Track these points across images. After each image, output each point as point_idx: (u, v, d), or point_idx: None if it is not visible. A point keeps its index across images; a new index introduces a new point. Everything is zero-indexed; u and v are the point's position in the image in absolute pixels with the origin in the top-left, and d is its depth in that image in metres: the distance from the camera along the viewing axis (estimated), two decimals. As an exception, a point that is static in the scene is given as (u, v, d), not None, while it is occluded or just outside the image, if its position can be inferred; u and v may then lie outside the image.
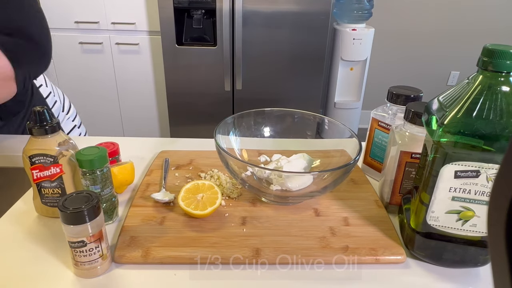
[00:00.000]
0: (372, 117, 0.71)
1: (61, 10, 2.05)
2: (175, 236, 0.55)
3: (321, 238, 0.55)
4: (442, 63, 2.80)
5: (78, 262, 0.48)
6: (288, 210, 0.62)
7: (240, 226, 0.57)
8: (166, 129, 2.34)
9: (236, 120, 0.71)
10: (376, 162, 0.72)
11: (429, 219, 0.50)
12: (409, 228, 0.53)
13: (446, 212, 0.49)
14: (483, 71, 0.44)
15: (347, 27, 2.36)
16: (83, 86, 2.24)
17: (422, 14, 2.66)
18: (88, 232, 0.46)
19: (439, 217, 0.49)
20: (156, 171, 0.72)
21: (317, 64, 2.09)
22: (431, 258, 0.53)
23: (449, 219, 0.49)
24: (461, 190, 0.47)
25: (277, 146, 0.76)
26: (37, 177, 0.56)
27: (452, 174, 0.46)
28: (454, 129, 0.44)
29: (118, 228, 0.58)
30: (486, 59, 0.43)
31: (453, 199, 0.48)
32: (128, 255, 0.51)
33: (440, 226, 0.50)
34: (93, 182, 0.55)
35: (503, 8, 2.62)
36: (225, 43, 1.96)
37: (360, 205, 0.63)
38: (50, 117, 0.54)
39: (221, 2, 1.88)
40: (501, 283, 0.18)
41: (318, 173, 0.64)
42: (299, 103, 2.16)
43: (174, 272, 0.50)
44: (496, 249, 0.18)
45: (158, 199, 0.61)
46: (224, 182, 0.67)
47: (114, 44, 2.12)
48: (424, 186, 0.50)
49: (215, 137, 0.62)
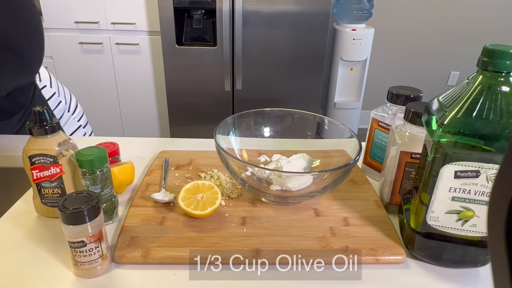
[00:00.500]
0: (372, 117, 0.71)
1: (61, 10, 2.05)
2: (175, 236, 0.55)
3: (321, 238, 0.55)
4: (442, 63, 2.80)
5: (78, 262, 0.48)
6: (288, 210, 0.62)
7: (240, 226, 0.57)
8: (166, 129, 2.34)
9: (236, 120, 0.71)
10: (376, 162, 0.72)
11: (429, 219, 0.50)
12: (409, 228, 0.53)
13: (446, 212, 0.49)
14: (483, 71, 0.44)
15: (347, 27, 2.36)
16: (83, 86, 2.24)
17: (422, 14, 2.66)
18: (88, 232, 0.46)
19: (439, 217, 0.49)
20: (156, 171, 0.72)
21: (317, 64, 2.09)
22: (431, 258, 0.53)
23: (449, 219, 0.49)
24: (461, 190, 0.47)
25: (277, 146, 0.76)
26: (37, 177, 0.56)
27: (452, 174, 0.46)
28: (454, 129, 0.44)
29: (118, 228, 0.58)
30: (486, 59, 0.43)
31: (453, 199, 0.48)
32: (128, 255, 0.51)
33: (440, 226, 0.50)
34: (93, 182, 0.55)
35: (503, 8, 2.62)
36: (225, 43, 1.96)
37: (360, 205, 0.63)
38: (50, 117, 0.54)
39: (221, 2, 1.88)
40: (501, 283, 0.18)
41: (318, 173, 0.64)
42: (299, 103, 2.16)
43: (174, 272, 0.50)
44: (496, 249, 0.18)
45: (158, 199, 0.61)
46: (224, 182, 0.67)
47: (114, 44, 2.12)
48: (424, 186, 0.50)
49: (215, 137, 0.62)
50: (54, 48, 2.13)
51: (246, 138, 0.73)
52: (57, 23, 2.08)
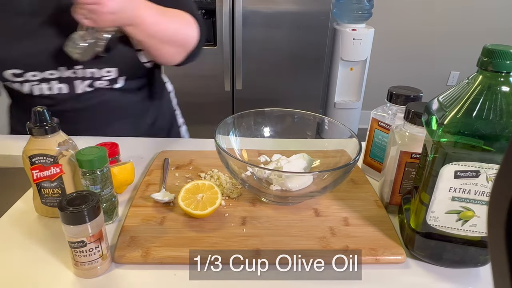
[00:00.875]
0: (372, 117, 0.71)
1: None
2: (175, 236, 0.55)
3: (321, 238, 0.55)
4: (442, 63, 2.80)
5: (78, 262, 0.48)
6: (288, 210, 0.62)
7: (240, 226, 0.57)
8: (166, 129, 2.34)
9: (236, 120, 0.71)
10: (376, 162, 0.72)
11: (429, 219, 0.50)
12: (409, 228, 0.53)
13: (446, 212, 0.49)
14: (483, 71, 0.44)
15: (347, 27, 2.36)
16: (83, 86, 2.23)
17: (422, 14, 2.66)
18: (88, 232, 0.46)
19: (439, 217, 0.49)
20: (156, 171, 0.72)
21: (317, 64, 2.09)
22: (431, 258, 0.53)
23: (449, 219, 0.49)
24: (461, 190, 0.47)
25: (277, 146, 0.76)
26: (37, 177, 0.56)
27: (452, 174, 0.46)
28: (454, 129, 0.44)
29: (118, 228, 0.58)
30: (486, 59, 0.43)
31: (453, 199, 0.48)
32: (128, 255, 0.51)
33: (440, 226, 0.50)
34: (93, 182, 0.55)
35: (503, 9, 2.62)
36: (225, 43, 1.96)
37: (360, 205, 0.63)
38: (50, 117, 0.54)
39: (221, 2, 1.88)
40: (501, 283, 0.18)
41: (318, 173, 0.64)
42: (299, 103, 2.16)
43: (174, 272, 0.50)
44: (496, 249, 0.18)
45: (158, 199, 0.61)
46: (224, 182, 0.67)
47: (114, 44, 2.11)
48: (424, 186, 0.50)
49: (215, 137, 0.62)
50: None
51: (246, 138, 0.73)
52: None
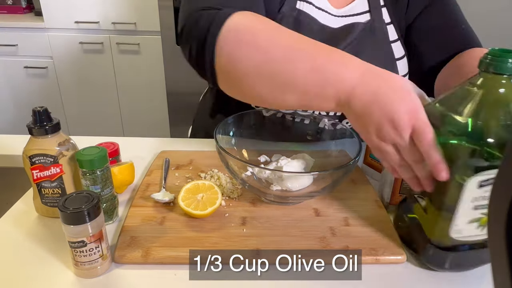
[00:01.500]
0: (372, 117, 0.71)
1: (61, 10, 2.04)
2: (175, 236, 0.55)
3: (321, 238, 0.55)
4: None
5: (78, 262, 0.48)
6: (288, 210, 0.62)
7: (240, 226, 0.57)
8: (166, 129, 2.34)
9: (236, 120, 0.71)
10: (376, 162, 0.72)
11: (452, 233, 0.48)
12: (428, 243, 0.51)
13: (468, 222, 0.47)
14: (485, 73, 0.44)
15: (347, 27, 2.36)
16: (83, 86, 2.24)
17: (422, 14, 2.65)
18: (88, 232, 0.46)
19: (462, 229, 0.47)
20: (156, 171, 0.72)
21: (317, 64, 2.09)
22: (451, 268, 0.51)
23: (471, 228, 0.47)
24: (483, 198, 0.45)
25: (277, 146, 0.76)
26: (37, 177, 0.56)
27: (476, 185, 0.44)
28: (479, 137, 0.42)
29: (118, 228, 0.58)
30: (487, 61, 0.43)
31: (475, 208, 0.46)
32: (128, 255, 0.51)
33: (463, 237, 0.48)
34: (93, 182, 0.55)
35: (505, 11, 2.62)
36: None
37: (360, 205, 0.63)
38: (50, 117, 0.54)
39: (221, 2, 1.88)
40: (501, 283, 0.18)
41: (318, 174, 0.64)
42: (299, 103, 2.16)
43: (174, 272, 0.50)
44: (496, 249, 0.18)
45: (158, 199, 0.61)
46: (224, 182, 0.67)
47: (115, 44, 2.12)
48: (445, 201, 0.47)
49: (215, 137, 0.62)
50: (54, 48, 2.13)
51: (246, 138, 0.73)
52: (57, 23, 2.08)
